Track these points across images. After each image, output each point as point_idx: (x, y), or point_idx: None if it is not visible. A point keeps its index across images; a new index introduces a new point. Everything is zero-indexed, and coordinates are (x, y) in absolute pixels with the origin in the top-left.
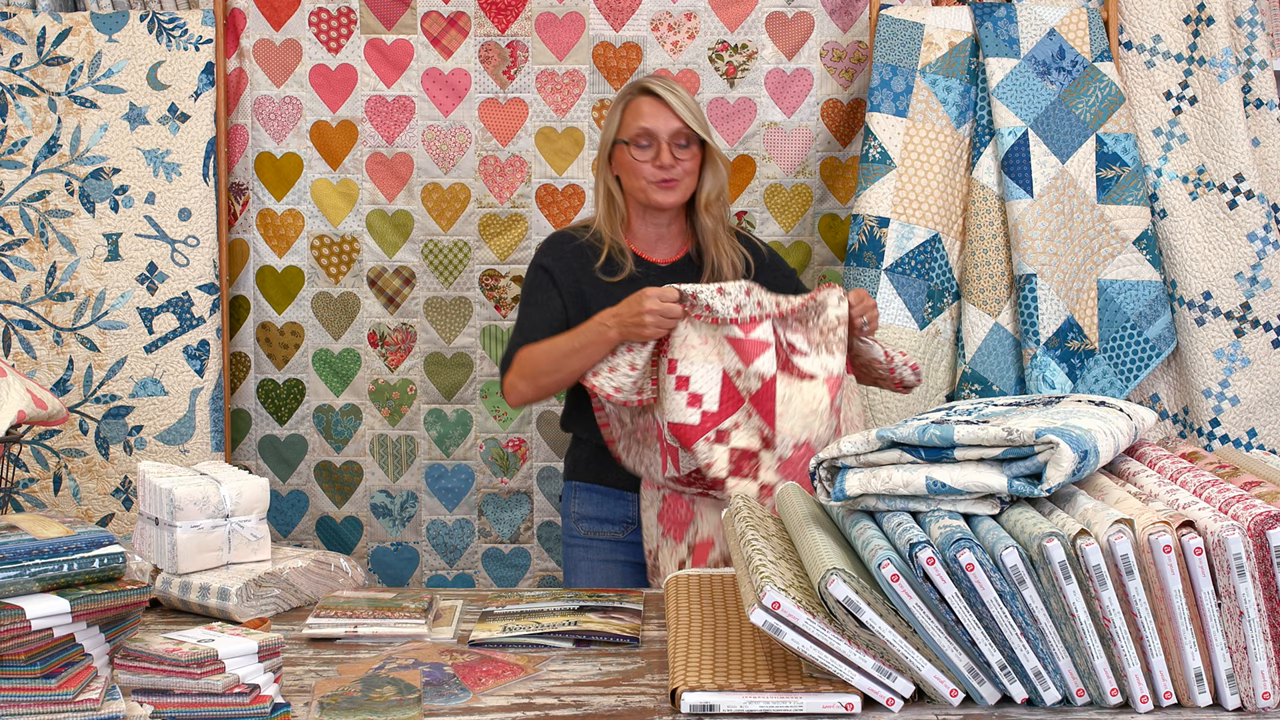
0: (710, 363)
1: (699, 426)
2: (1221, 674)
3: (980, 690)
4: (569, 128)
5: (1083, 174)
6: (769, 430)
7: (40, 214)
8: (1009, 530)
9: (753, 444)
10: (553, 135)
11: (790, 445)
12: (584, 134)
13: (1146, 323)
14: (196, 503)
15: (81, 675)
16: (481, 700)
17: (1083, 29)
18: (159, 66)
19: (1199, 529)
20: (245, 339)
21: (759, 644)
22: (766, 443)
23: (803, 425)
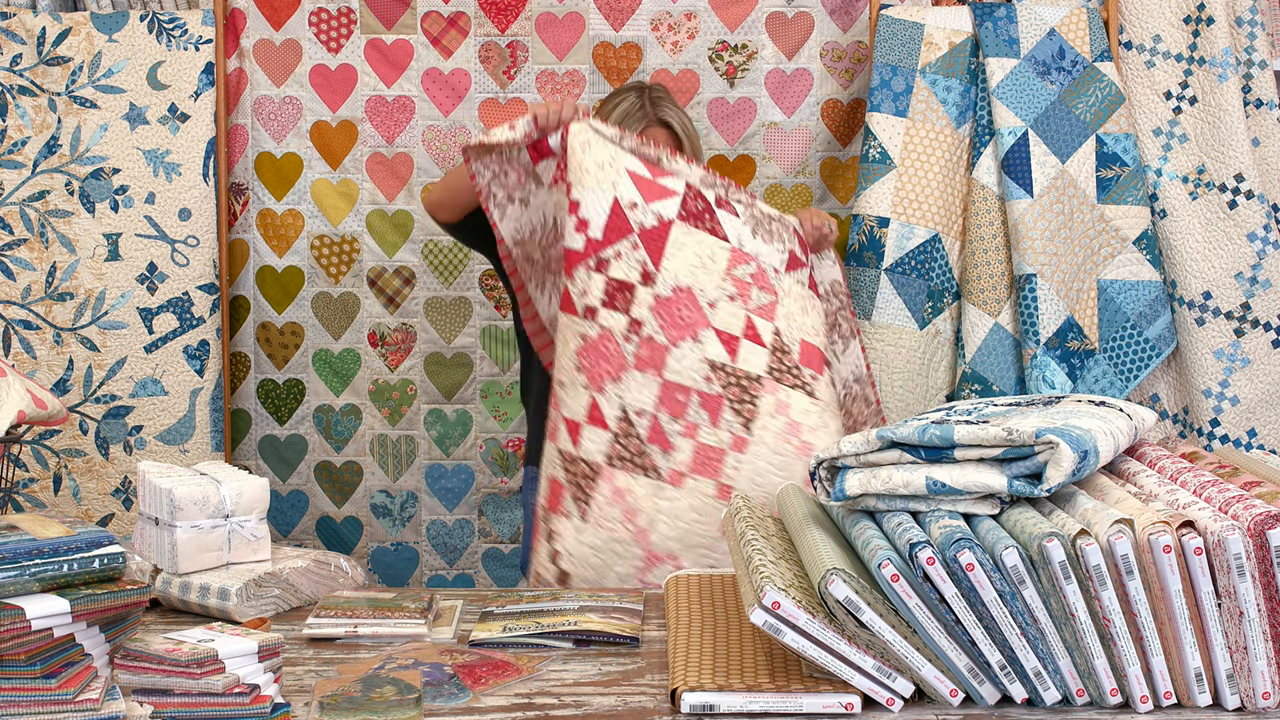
0: (603, 190)
1: (582, 252)
2: (1221, 674)
3: (980, 690)
4: None
5: (1083, 174)
6: (651, 266)
7: (40, 214)
8: (1009, 530)
9: (631, 277)
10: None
11: (670, 286)
12: None
13: (1146, 323)
14: (196, 503)
15: (81, 675)
16: (481, 700)
17: (1083, 29)
18: (159, 66)
19: (1199, 529)
20: (245, 339)
21: (759, 644)
22: (646, 278)
23: (688, 271)
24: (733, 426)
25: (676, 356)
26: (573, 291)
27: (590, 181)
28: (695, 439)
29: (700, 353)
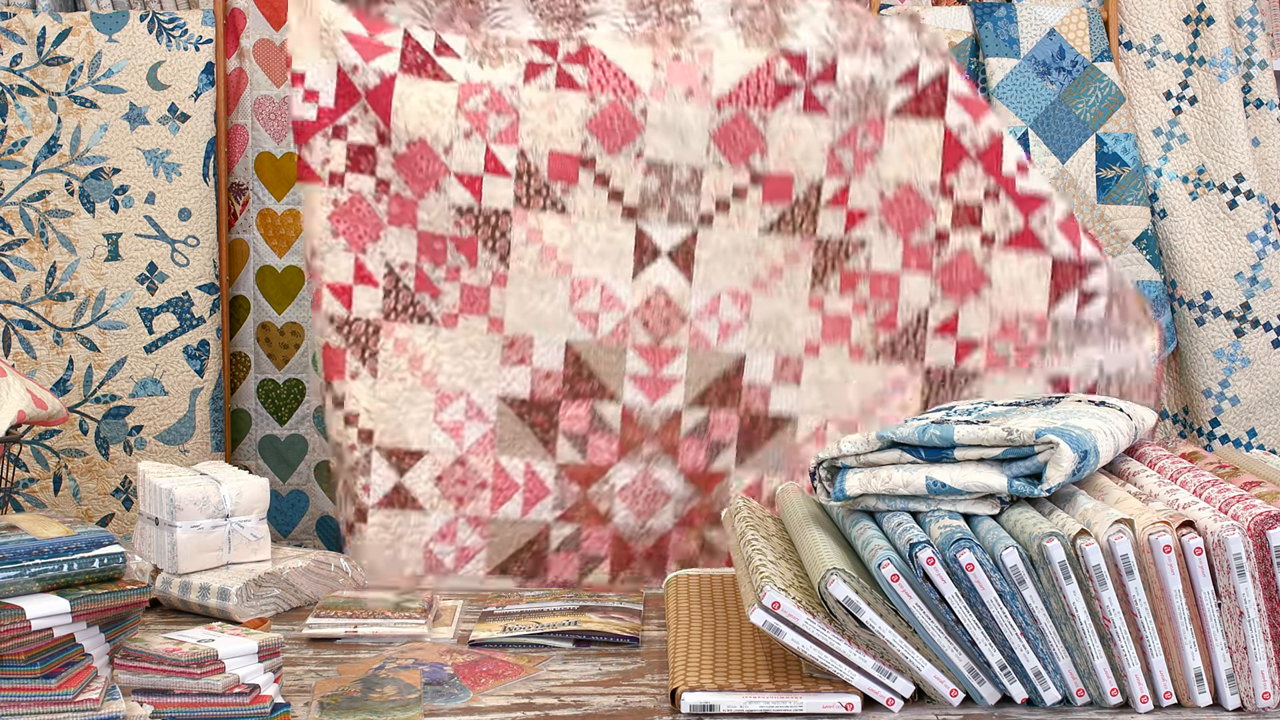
0: (325, 58)
1: (316, 122)
2: (1221, 674)
3: (980, 690)
4: None
5: (1083, 174)
6: (383, 126)
7: (40, 214)
8: (1009, 530)
9: (369, 139)
10: None
11: (404, 142)
12: None
13: None
14: (196, 503)
15: (81, 675)
16: (481, 700)
17: (1083, 29)
18: (159, 66)
19: (1199, 529)
20: (245, 339)
21: (759, 644)
22: (382, 138)
23: (418, 122)
24: (490, 264)
25: (425, 208)
26: (312, 161)
27: (311, 52)
28: (459, 281)
29: (446, 200)
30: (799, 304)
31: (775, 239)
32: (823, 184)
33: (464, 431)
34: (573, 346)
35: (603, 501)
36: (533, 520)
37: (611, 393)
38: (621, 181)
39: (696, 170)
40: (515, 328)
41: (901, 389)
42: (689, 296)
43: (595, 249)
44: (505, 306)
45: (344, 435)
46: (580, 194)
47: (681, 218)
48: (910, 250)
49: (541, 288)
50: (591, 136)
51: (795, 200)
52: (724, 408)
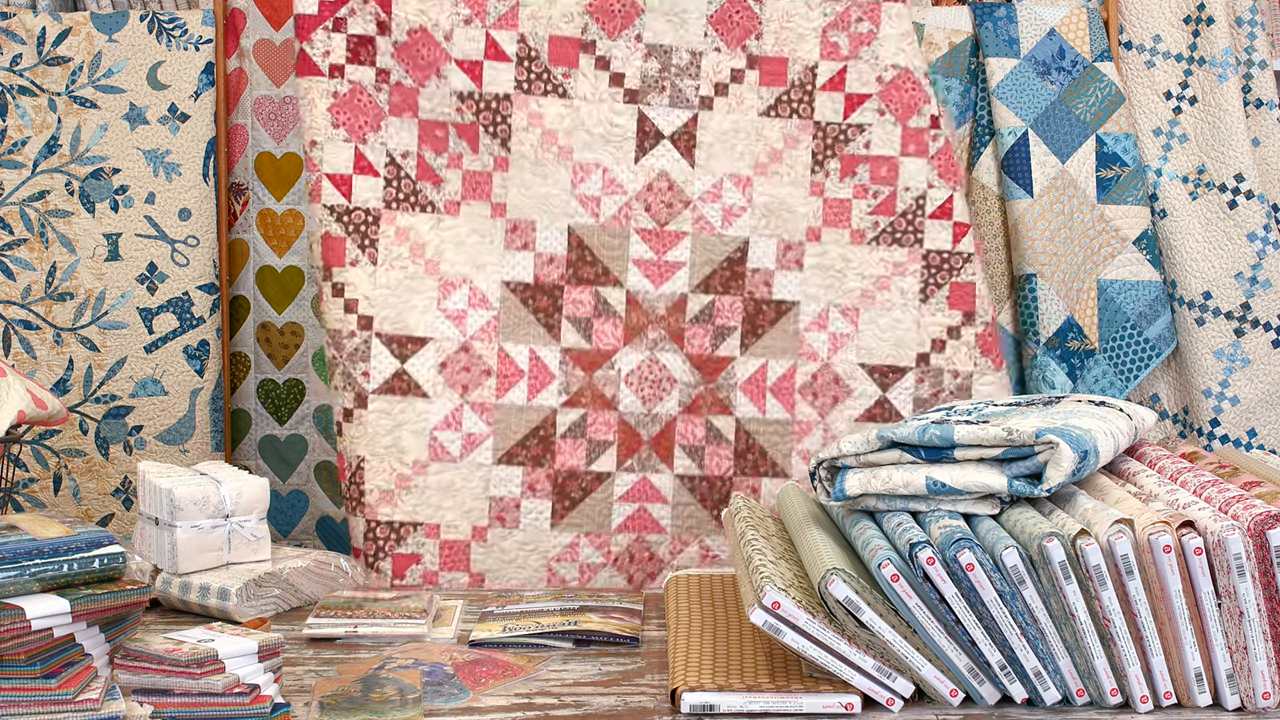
0: None
1: (317, 15)
2: (1221, 674)
3: (980, 690)
4: None
5: (1083, 174)
6: (384, 14)
7: (40, 214)
8: (1009, 530)
9: (368, 30)
10: None
11: (405, 30)
12: None
13: (1146, 323)
14: (196, 503)
15: (81, 675)
16: (481, 700)
17: (1083, 29)
18: (159, 66)
19: (1199, 529)
20: (245, 339)
21: (759, 644)
22: (382, 27)
23: (417, 10)
24: (492, 150)
25: (426, 96)
26: (313, 54)
27: None
28: (461, 168)
29: (447, 87)
30: (800, 188)
31: (774, 122)
32: (818, 67)
33: (468, 318)
34: (575, 231)
35: (608, 387)
36: (539, 406)
37: (615, 277)
38: (622, 65)
39: (695, 53)
40: (518, 212)
41: (902, 273)
42: (692, 180)
43: (597, 133)
44: (507, 191)
45: (343, 321)
46: (581, 78)
47: (682, 101)
48: (909, 134)
49: (543, 172)
50: (591, 20)
51: (791, 83)
52: (728, 293)
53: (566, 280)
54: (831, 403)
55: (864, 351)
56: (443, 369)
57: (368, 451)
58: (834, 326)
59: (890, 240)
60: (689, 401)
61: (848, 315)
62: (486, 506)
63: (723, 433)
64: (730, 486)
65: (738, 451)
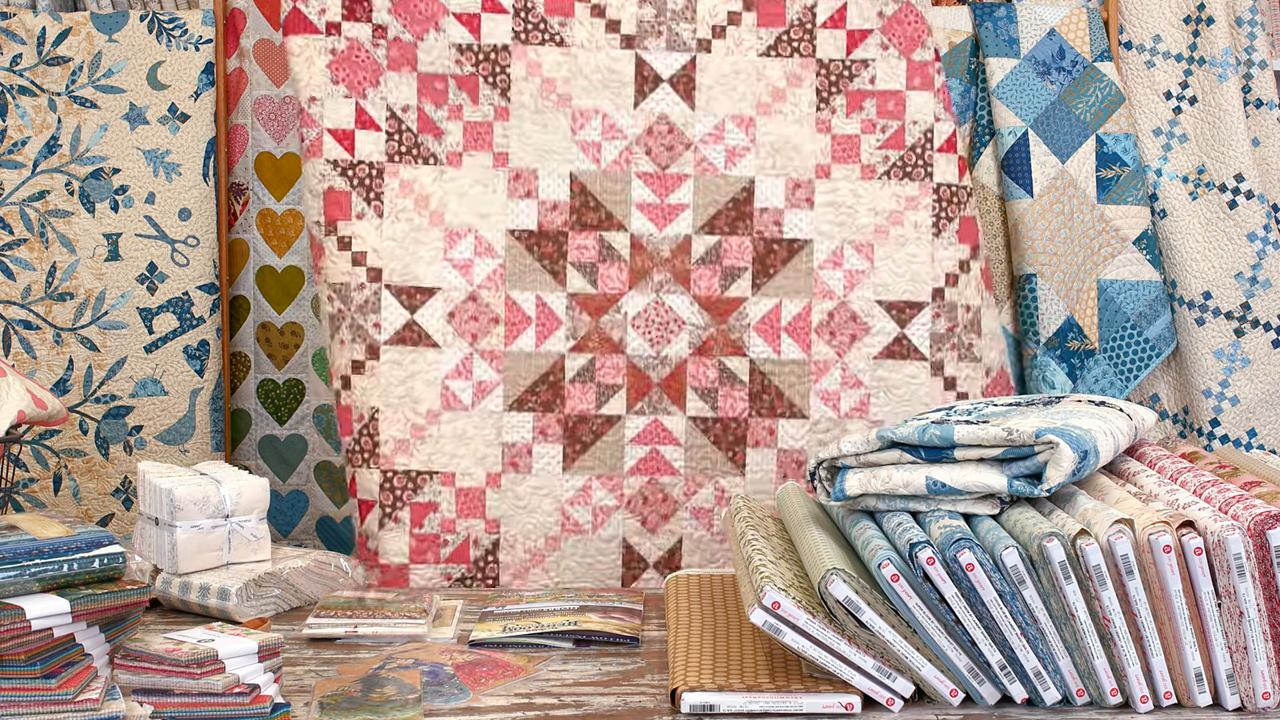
0: None
1: None
2: (1221, 674)
3: (980, 690)
4: None
5: (1083, 174)
6: None
7: (40, 214)
8: (1009, 530)
9: None
10: None
11: None
12: None
13: (1146, 323)
14: (196, 503)
15: (81, 675)
16: (481, 700)
17: (1083, 29)
18: (159, 66)
19: (1199, 529)
20: (245, 339)
21: (759, 644)
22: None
23: None
24: (492, 99)
25: (424, 49)
26: (308, 12)
27: None
28: (461, 119)
29: (445, 40)
30: (806, 126)
31: (774, 62)
32: (817, 4)
33: (474, 267)
34: (577, 177)
35: (615, 330)
36: (547, 352)
37: (619, 222)
38: (618, 11)
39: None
40: (520, 161)
41: (914, 206)
42: (692, 123)
43: (595, 79)
44: (509, 141)
45: (351, 274)
46: (577, 26)
47: (679, 45)
48: (914, 68)
49: (543, 120)
50: None
51: (790, 23)
52: (735, 234)
53: (570, 226)
54: (849, 340)
55: (880, 288)
56: (451, 318)
57: (381, 402)
58: (849, 264)
59: (901, 174)
60: (699, 343)
61: (862, 251)
62: (499, 453)
63: (736, 374)
64: (746, 429)
65: (753, 393)
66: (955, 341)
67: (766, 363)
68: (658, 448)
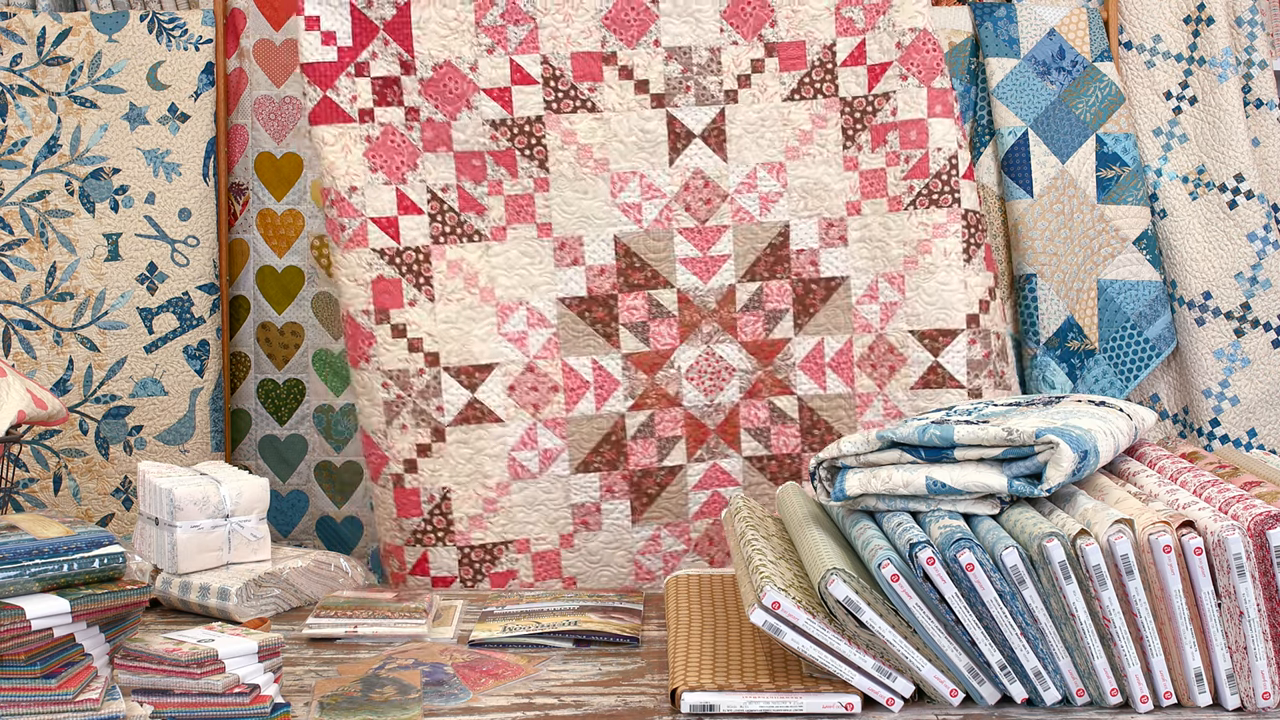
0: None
1: (338, 63)
2: (1221, 674)
3: (980, 690)
4: None
5: (1083, 174)
6: (406, 55)
7: (40, 214)
8: (1009, 530)
9: (392, 71)
10: None
11: (430, 67)
12: None
13: (1146, 323)
14: (196, 503)
15: (81, 675)
16: (481, 700)
17: (1083, 29)
18: (159, 66)
19: (1199, 529)
20: (245, 339)
21: (759, 644)
22: (406, 67)
23: (440, 45)
24: (530, 171)
25: (459, 128)
26: (340, 101)
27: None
28: (502, 194)
29: (478, 117)
30: (834, 166)
31: (799, 105)
32: (836, 44)
33: (528, 339)
34: (621, 239)
35: (670, 384)
36: (607, 413)
37: (664, 279)
38: (645, 71)
39: (714, 50)
40: (563, 229)
41: (943, 234)
42: (726, 174)
43: (629, 141)
44: (551, 210)
45: (409, 361)
46: (607, 90)
47: (707, 98)
48: (934, 95)
49: (583, 187)
50: (608, 32)
51: (811, 65)
52: (775, 278)
53: (618, 288)
54: (889, 373)
55: (913, 318)
56: (511, 391)
57: (451, 482)
58: (884, 296)
59: (928, 202)
60: (749, 387)
61: (894, 283)
62: (570, 514)
63: (786, 412)
64: (800, 463)
65: (804, 429)
66: (991, 369)
67: (814, 399)
68: (718, 490)
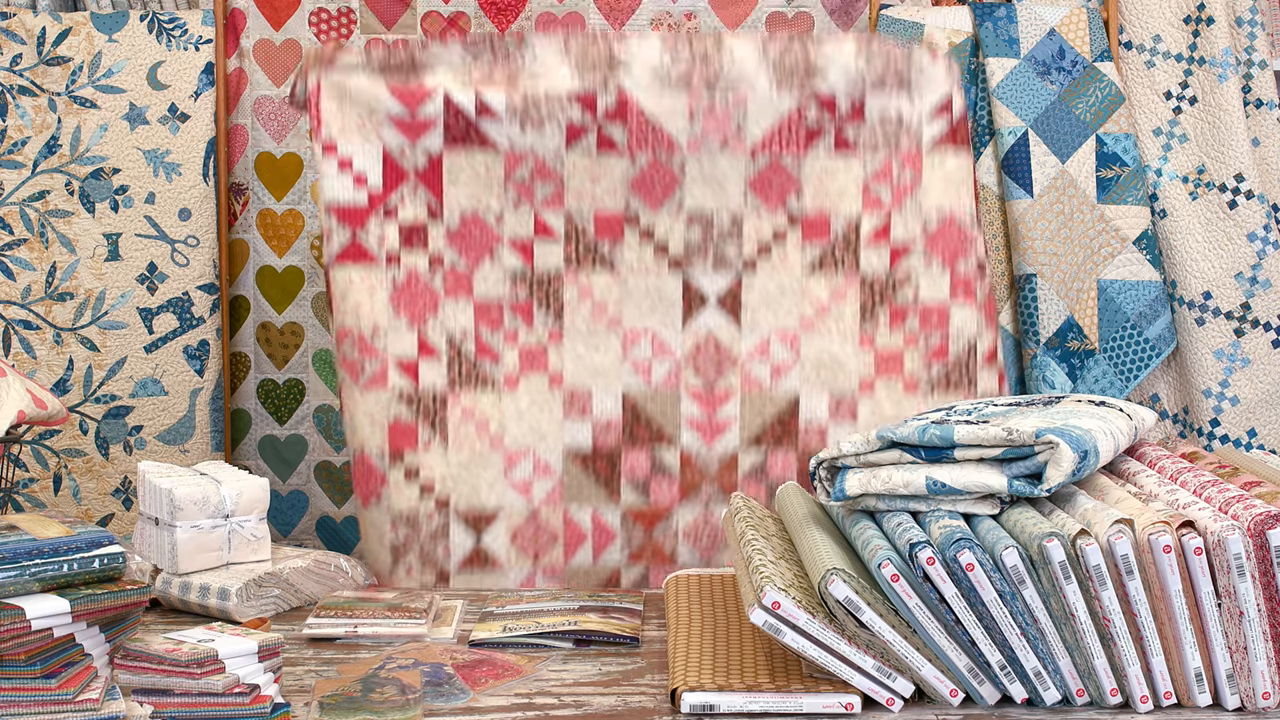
0: (370, 143)
1: (368, 206)
2: (1221, 674)
3: (980, 690)
4: None
5: (1083, 174)
6: (435, 202)
7: (40, 214)
8: (1009, 530)
9: (420, 217)
10: None
11: (457, 216)
12: None
13: (1146, 323)
14: (196, 503)
15: (81, 675)
16: (481, 700)
17: (1083, 29)
18: (159, 66)
19: (1199, 529)
20: (245, 339)
21: (759, 644)
22: (433, 214)
23: (469, 195)
24: (546, 323)
25: (480, 277)
26: (368, 243)
27: (356, 138)
28: (517, 344)
29: (500, 267)
30: (849, 342)
31: (819, 278)
32: (860, 220)
33: (534, 488)
34: (629, 396)
35: (667, 542)
36: (604, 565)
37: (669, 437)
38: (666, 234)
39: (736, 217)
40: (574, 382)
41: None
42: (739, 340)
43: (645, 301)
44: (563, 363)
45: (421, 504)
46: (627, 249)
47: (726, 264)
48: (957, 280)
49: (596, 342)
50: (634, 195)
51: (834, 238)
52: (781, 447)
53: (623, 443)
54: None
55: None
56: (514, 539)
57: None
58: None
59: (945, 386)
60: None
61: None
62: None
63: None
64: None
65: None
66: None
67: None
68: None
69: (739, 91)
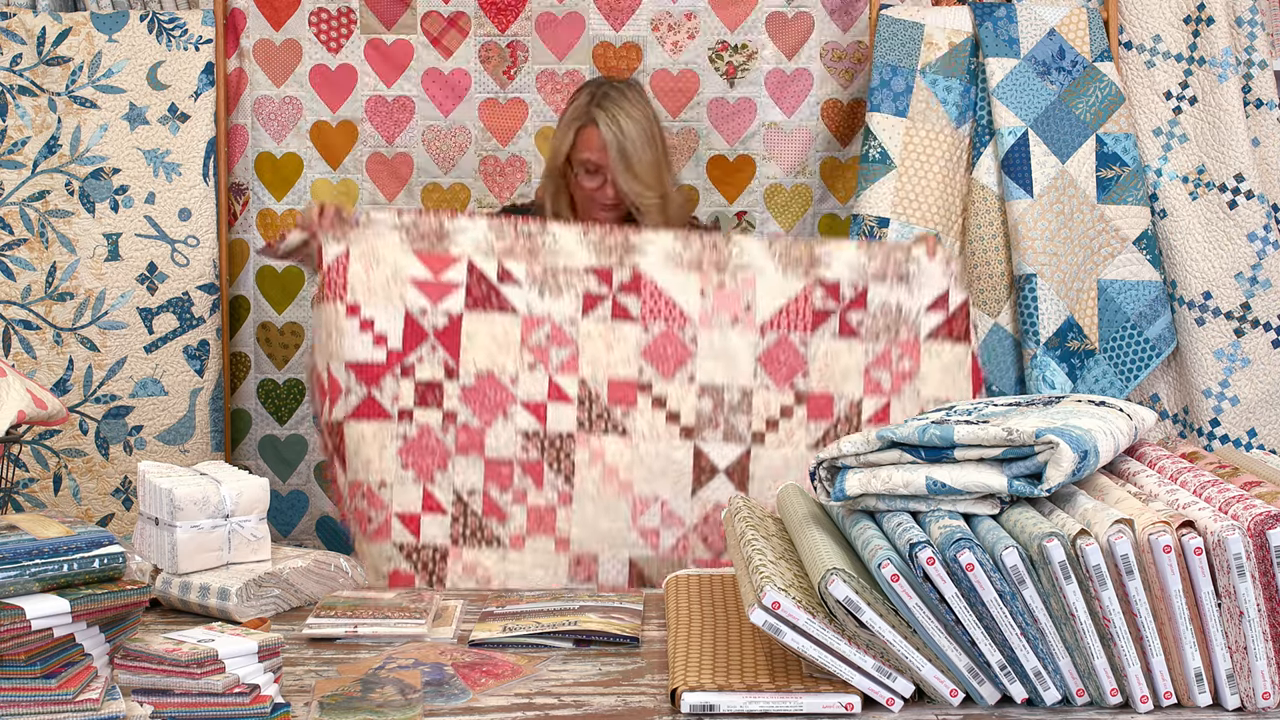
0: (393, 304)
1: (386, 364)
2: (1221, 674)
3: (980, 690)
4: None
5: (1083, 174)
6: (452, 362)
7: (40, 214)
8: (1009, 530)
9: (436, 376)
10: (552, 135)
11: (473, 375)
12: None
13: (1146, 323)
14: (196, 503)
15: (81, 675)
16: (481, 700)
17: (1083, 29)
18: (159, 66)
19: (1199, 529)
20: (245, 339)
21: (759, 644)
22: (450, 373)
23: (486, 357)
24: (556, 484)
25: (493, 435)
26: (382, 399)
27: (379, 299)
28: (525, 503)
29: (513, 427)
30: None
31: None
32: (862, 403)
33: None
34: (636, 563)
35: None
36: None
37: None
38: (677, 404)
39: (746, 391)
40: (580, 545)
41: None
42: None
43: (655, 468)
44: (571, 525)
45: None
46: (639, 416)
47: (735, 436)
48: None
49: (605, 506)
50: (647, 363)
51: (838, 418)
52: None
53: None
54: None
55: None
56: None
57: None
58: None
59: None
60: None
61: None
62: None
63: None
64: None
65: None
66: None
67: None
68: None
69: (748, 273)
